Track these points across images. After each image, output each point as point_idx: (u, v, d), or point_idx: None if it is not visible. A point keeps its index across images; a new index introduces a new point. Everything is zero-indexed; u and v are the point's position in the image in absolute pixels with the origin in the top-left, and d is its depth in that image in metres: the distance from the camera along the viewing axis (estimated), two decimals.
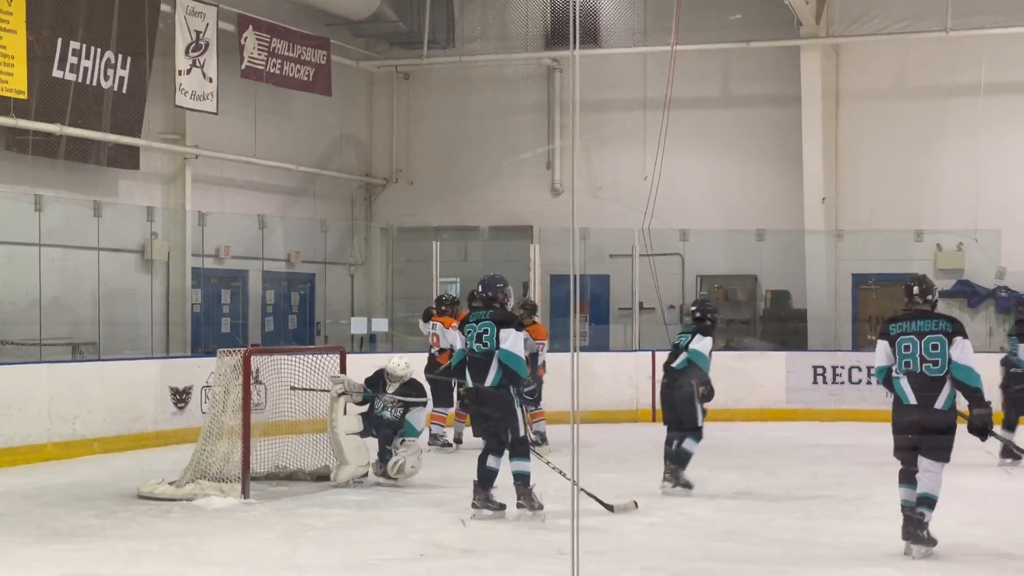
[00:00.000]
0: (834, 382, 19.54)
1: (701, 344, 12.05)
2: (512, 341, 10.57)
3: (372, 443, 12.72)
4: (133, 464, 13.91)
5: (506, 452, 10.77)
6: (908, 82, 22.03)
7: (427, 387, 13.83)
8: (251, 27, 20.01)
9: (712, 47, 22.27)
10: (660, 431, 17.93)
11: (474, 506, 10.72)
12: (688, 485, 12.03)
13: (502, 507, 10.70)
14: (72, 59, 17.12)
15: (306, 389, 13.02)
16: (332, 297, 23.23)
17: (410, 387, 12.79)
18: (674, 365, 12.17)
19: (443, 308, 15.81)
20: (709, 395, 12.04)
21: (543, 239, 21.09)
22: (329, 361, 13.23)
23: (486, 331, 10.72)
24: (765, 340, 21.95)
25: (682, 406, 12.07)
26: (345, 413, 12.78)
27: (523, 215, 23.28)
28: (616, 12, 22.80)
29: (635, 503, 11.15)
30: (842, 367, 19.58)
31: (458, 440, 15.41)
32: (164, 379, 16.00)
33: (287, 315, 22.34)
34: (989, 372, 11.12)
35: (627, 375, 19.35)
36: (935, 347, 9.19)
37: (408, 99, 24.63)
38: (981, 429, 9.31)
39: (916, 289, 9.48)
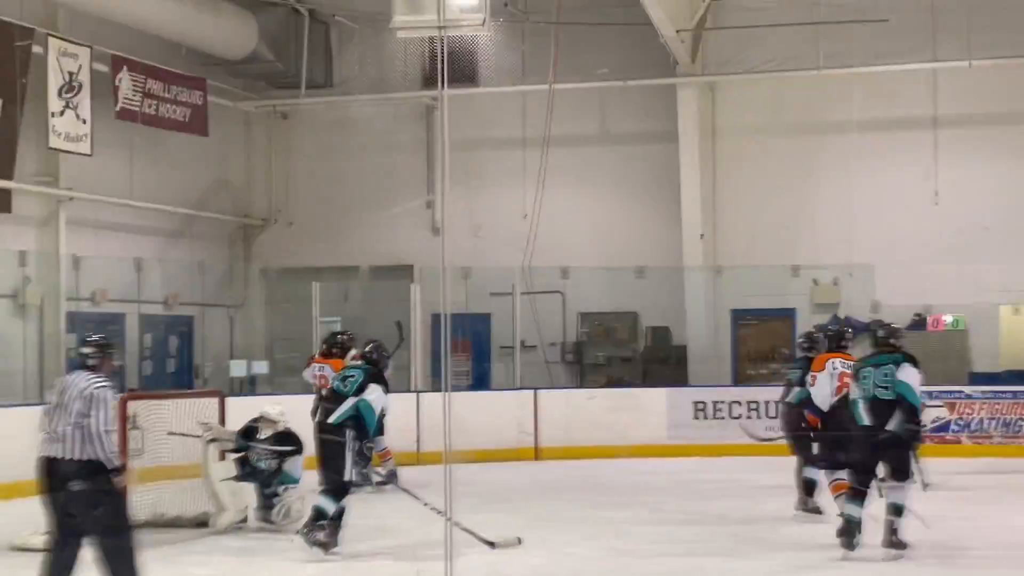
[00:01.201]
0: (715, 417, 19.71)
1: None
2: (376, 396, 11.24)
3: (249, 487, 12.57)
4: (7, 515, 13.55)
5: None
6: (783, 119, 22.33)
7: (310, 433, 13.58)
8: (125, 68, 19.75)
9: (590, 85, 22.43)
10: (542, 468, 17.89)
11: (299, 532, 11.08)
12: (818, 510, 12.45)
13: (325, 545, 10.84)
14: None
15: (185, 435, 12.79)
16: (211, 339, 22.95)
17: (283, 436, 12.69)
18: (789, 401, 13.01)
19: (333, 351, 15.39)
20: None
21: (424, 278, 21.02)
22: (208, 405, 13.03)
23: (353, 376, 11.47)
24: (647, 376, 22.04)
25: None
26: (223, 459, 12.60)
27: (404, 254, 23.12)
28: (494, 51, 22.77)
29: (518, 539, 11.22)
30: (723, 402, 19.74)
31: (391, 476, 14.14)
32: (38, 427, 15.57)
33: (166, 358, 22.02)
34: None
35: (509, 414, 19.32)
36: (886, 375, 10.44)
37: (286, 139, 24.47)
38: (906, 442, 10.35)
39: (881, 332, 10.96)
